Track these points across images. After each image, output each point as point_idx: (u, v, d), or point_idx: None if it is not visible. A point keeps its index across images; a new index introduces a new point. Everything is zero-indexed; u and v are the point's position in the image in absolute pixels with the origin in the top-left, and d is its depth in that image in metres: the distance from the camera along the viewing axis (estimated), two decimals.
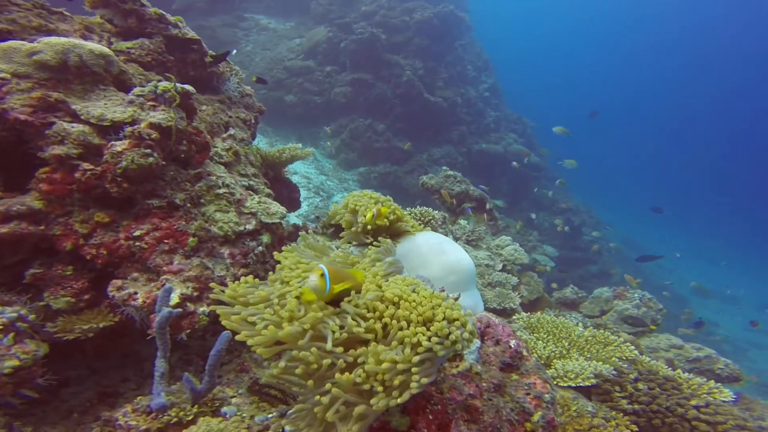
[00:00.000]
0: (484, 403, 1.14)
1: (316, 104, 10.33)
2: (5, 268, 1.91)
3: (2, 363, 1.55)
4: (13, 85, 1.96)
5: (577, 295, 5.27)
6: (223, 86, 3.42)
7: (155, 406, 1.68)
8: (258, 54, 11.36)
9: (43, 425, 1.90)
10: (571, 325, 3.01)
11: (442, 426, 1.07)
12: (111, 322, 1.92)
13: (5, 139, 1.98)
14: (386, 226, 1.65)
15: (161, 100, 2.26)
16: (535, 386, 1.27)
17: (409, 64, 11.37)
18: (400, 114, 10.92)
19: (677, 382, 2.53)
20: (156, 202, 2.07)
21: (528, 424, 1.20)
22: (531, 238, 10.08)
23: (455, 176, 5.39)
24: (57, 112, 2.02)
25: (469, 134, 12.98)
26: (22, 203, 1.87)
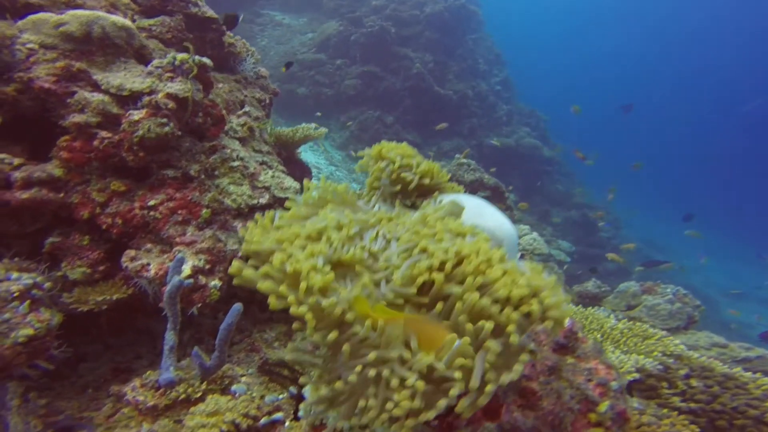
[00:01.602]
0: (541, 387, 1.00)
1: (327, 96, 10.31)
2: (26, 236, 1.91)
3: (17, 331, 1.52)
4: (39, 56, 1.97)
5: (600, 289, 5.07)
6: (239, 66, 3.42)
7: (163, 382, 1.64)
8: (272, 48, 11.39)
9: (60, 399, 1.90)
10: (601, 316, 2.84)
11: (490, 411, 0.94)
12: (124, 295, 1.90)
13: (30, 109, 1.99)
14: (425, 185, 1.50)
15: (179, 71, 2.25)
16: (597, 372, 1.09)
17: (418, 57, 11.28)
18: (409, 106, 10.85)
19: (740, 381, 2.24)
20: (171, 173, 2.06)
21: (592, 414, 1.03)
22: (545, 232, 9.93)
23: (468, 164, 5.32)
24: (79, 81, 2.02)
25: (480, 127, 12.84)
26: (43, 170, 1.88)
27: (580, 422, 1.02)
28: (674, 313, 4.29)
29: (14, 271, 1.61)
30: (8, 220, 1.82)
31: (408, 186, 1.46)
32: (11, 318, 1.51)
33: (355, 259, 1.02)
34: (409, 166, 1.51)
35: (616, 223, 15.12)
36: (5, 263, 1.66)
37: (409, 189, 1.45)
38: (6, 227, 1.83)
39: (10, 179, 1.79)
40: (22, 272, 1.61)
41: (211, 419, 1.39)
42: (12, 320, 1.51)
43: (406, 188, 1.48)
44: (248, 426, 1.42)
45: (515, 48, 28.49)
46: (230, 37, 3.34)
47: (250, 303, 2.59)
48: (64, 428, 1.73)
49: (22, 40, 1.98)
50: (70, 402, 1.90)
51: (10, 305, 1.52)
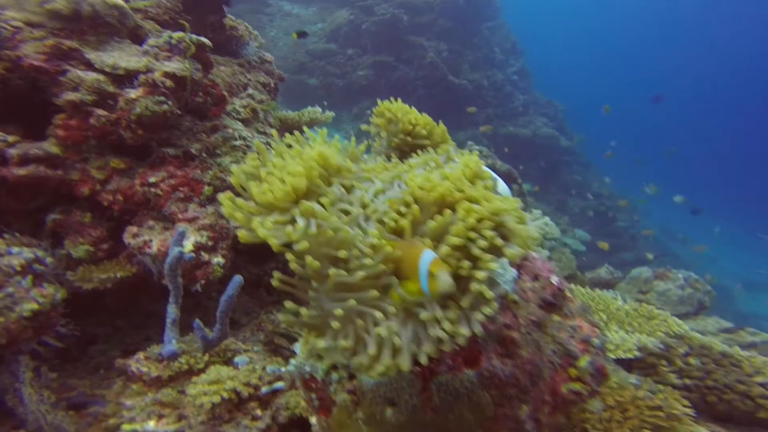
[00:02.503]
0: (522, 337, 0.98)
1: (338, 87, 10.24)
2: (27, 213, 1.91)
3: (21, 305, 1.52)
4: (26, 34, 1.95)
5: (612, 275, 4.99)
6: (242, 50, 3.37)
7: (166, 354, 1.64)
8: (281, 39, 11.38)
9: (72, 378, 1.92)
10: (609, 297, 2.82)
11: (470, 358, 0.93)
12: (128, 273, 1.89)
13: (20, 87, 1.97)
14: (407, 142, 1.47)
15: (176, 50, 2.22)
16: (581, 329, 1.10)
17: (432, 46, 11.10)
18: (422, 96, 10.69)
19: (736, 359, 2.30)
20: (171, 151, 2.04)
21: (573, 369, 1.04)
22: (561, 221, 9.71)
23: (481, 151, 5.20)
24: (71, 60, 1.99)
25: (496, 117, 12.61)
26: (40, 147, 1.87)
27: (561, 375, 0.99)
28: (685, 299, 4.17)
29: (15, 245, 1.60)
30: (7, 197, 1.82)
31: (408, 137, 1.43)
32: (15, 292, 1.50)
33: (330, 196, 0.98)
34: (410, 122, 1.51)
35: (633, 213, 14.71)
36: (6, 238, 1.66)
37: (408, 140, 1.41)
38: (5, 204, 1.83)
39: (6, 156, 1.78)
40: (23, 247, 1.60)
41: (213, 387, 1.38)
42: (16, 294, 1.50)
43: (405, 140, 1.45)
44: (249, 394, 1.41)
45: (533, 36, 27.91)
46: (232, 20, 3.30)
47: (257, 286, 2.57)
48: (78, 404, 1.74)
49: (4, 17, 1.94)
50: (82, 381, 1.92)
51: (13, 279, 1.51)
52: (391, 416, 0.88)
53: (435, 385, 0.90)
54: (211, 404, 1.36)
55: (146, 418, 1.48)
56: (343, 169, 1.10)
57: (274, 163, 1.04)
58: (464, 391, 0.90)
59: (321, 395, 0.98)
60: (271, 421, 1.35)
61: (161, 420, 1.46)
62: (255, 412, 1.40)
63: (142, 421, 1.46)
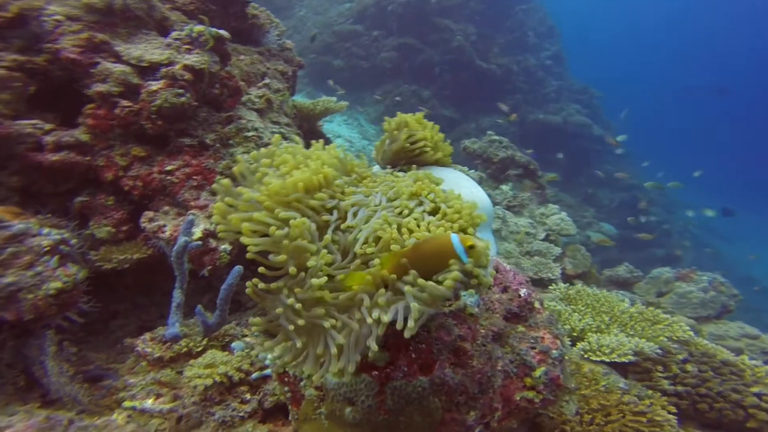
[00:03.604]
0: (476, 348, 1.06)
1: (363, 69, 10.22)
2: (59, 195, 2.11)
3: (47, 284, 1.67)
4: (65, 27, 2.10)
5: (632, 274, 4.90)
6: (263, 38, 3.46)
7: (169, 336, 1.78)
8: (310, 18, 11.39)
9: (93, 351, 2.12)
10: (615, 299, 2.82)
11: (424, 366, 1.01)
12: (144, 255, 2.06)
13: (59, 78, 2.14)
14: (411, 153, 1.54)
15: (197, 43, 2.33)
16: (543, 340, 1.16)
17: (460, 29, 10.83)
18: (447, 81, 10.52)
19: (738, 368, 2.29)
20: (188, 141, 2.17)
21: (528, 378, 1.11)
22: (587, 214, 9.48)
23: (500, 141, 5.14)
24: (102, 52, 2.14)
25: (525, 103, 12.28)
26: (71, 135, 2.04)
27: (516, 384, 1.05)
28: (707, 302, 4.06)
29: (46, 226, 1.79)
30: (42, 180, 2.02)
31: (405, 151, 1.50)
32: (43, 271, 1.68)
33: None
34: (414, 136, 1.56)
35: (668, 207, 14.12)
36: (39, 219, 1.85)
37: (403, 150, 1.48)
38: (40, 186, 2.03)
39: (42, 143, 1.97)
40: (52, 228, 1.79)
41: (207, 370, 1.51)
42: (44, 273, 1.68)
43: (401, 154, 1.52)
44: (240, 379, 1.53)
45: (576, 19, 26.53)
46: (254, 9, 3.38)
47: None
48: (94, 377, 1.95)
49: (48, 11, 2.10)
50: (100, 354, 2.13)
51: (42, 259, 1.70)
52: (349, 414, 0.99)
53: (390, 389, 0.99)
54: (204, 386, 1.48)
55: (145, 396, 1.65)
56: (333, 184, 1.17)
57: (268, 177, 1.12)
58: (416, 396, 0.98)
59: (293, 389, 1.10)
60: (258, 405, 1.49)
61: (158, 399, 1.63)
62: (244, 396, 1.52)
63: (142, 399, 1.63)
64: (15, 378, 1.67)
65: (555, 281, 3.19)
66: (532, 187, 4.98)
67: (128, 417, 1.52)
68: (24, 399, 1.69)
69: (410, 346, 0.99)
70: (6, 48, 2.05)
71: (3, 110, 1.96)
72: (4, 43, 2.06)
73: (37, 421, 1.21)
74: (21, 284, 1.59)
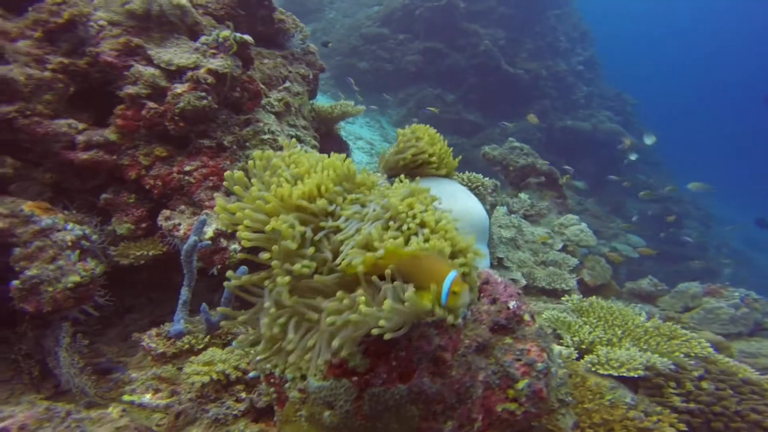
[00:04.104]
0: (456, 359, 1.07)
1: (387, 72, 10.29)
2: (87, 191, 2.25)
3: (67, 277, 1.78)
4: (107, 32, 2.24)
5: (656, 288, 4.73)
6: (287, 43, 3.56)
7: (173, 332, 1.85)
8: (339, 21, 11.58)
9: (106, 344, 2.21)
10: (630, 312, 2.74)
11: (404, 374, 1.04)
12: (160, 252, 2.16)
13: (97, 80, 2.28)
14: (414, 164, 1.57)
15: (222, 48, 2.43)
16: (529, 353, 1.15)
17: (489, 33, 10.75)
18: (473, 85, 10.46)
19: (761, 387, 2.18)
20: (207, 142, 2.27)
21: (511, 390, 1.11)
22: (613, 225, 9.19)
23: (521, 148, 5.07)
24: (136, 56, 2.27)
25: (553, 109, 12.05)
26: (101, 135, 2.18)
27: (498, 396, 1.06)
28: (737, 319, 3.88)
29: (71, 222, 1.92)
30: (73, 177, 2.16)
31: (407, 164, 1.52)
32: (64, 265, 1.80)
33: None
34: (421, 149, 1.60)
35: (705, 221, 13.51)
36: (66, 214, 1.98)
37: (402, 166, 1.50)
38: (71, 183, 2.17)
39: (75, 141, 2.10)
40: (76, 224, 1.91)
41: (205, 368, 1.56)
42: (65, 267, 1.79)
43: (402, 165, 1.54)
44: (237, 377, 1.58)
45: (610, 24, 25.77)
46: (281, 14, 3.48)
47: None
48: (104, 369, 2.05)
49: (95, 17, 2.25)
50: (112, 347, 2.23)
51: (64, 253, 1.82)
52: (327, 418, 1.02)
53: (368, 395, 1.02)
54: (201, 383, 1.53)
55: (144, 391, 1.72)
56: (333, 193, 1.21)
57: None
58: (393, 403, 1.01)
59: (278, 390, 1.15)
60: (250, 404, 1.53)
61: (156, 394, 1.70)
62: (240, 394, 1.56)
63: (141, 393, 1.70)
64: (30, 368, 1.78)
65: (569, 292, 3.13)
66: (553, 196, 4.89)
67: (123, 411, 1.58)
68: (38, 388, 1.80)
69: (391, 353, 1.02)
70: (55, 51, 2.21)
71: (44, 110, 2.11)
72: (54, 46, 2.22)
73: (37, 412, 1.30)
74: (43, 277, 1.71)
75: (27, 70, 2.08)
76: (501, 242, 3.43)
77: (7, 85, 2.00)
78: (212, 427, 1.46)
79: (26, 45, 2.15)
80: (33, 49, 2.16)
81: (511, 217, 3.73)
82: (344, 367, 1.03)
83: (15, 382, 1.86)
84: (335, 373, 1.04)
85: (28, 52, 2.14)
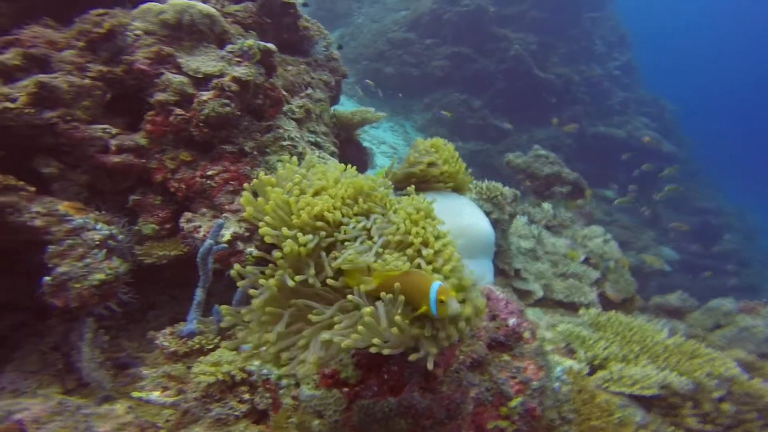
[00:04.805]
0: (448, 374, 1.09)
1: (413, 77, 10.34)
2: (118, 193, 2.40)
3: (93, 275, 1.89)
4: (142, 41, 2.38)
5: (684, 303, 4.55)
6: (311, 49, 3.67)
7: (185, 332, 1.93)
8: (366, 26, 11.74)
9: (127, 340, 2.32)
10: (650, 328, 2.67)
11: (394, 388, 1.06)
12: (181, 252, 2.27)
13: (132, 87, 2.44)
14: (422, 178, 1.60)
15: (246, 56, 2.54)
16: (526, 371, 1.16)
17: (519, 38, 10.63)
18: (501, 90, 10.35)
19: None
20: (229, 148, 2.38)
21: (504, 408, 1.12)
22: (644, 237, 8.86)
23: (547, 156, 5.00)
24: (167, 64, 2.40)
25: (586, 116, 11.77)
26: (132, 139, 2.32)
27: (490, 412, 1.07)
28: None
29: (101, 222, 2.06)
30: (106, 179, 2.31)
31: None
32: (91, 263, 1.92)
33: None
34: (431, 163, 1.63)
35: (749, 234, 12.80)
36: (96, 215, 2.12)
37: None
38: (104, 185, 2.32)
39: (108, 145, 2.26)
40: (105, 224, 2.05)
41: (212, 368, 1.63)
42: (92, 265, 1.92)
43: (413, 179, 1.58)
44: (242, 379, 1.61)
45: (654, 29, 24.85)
46: (306, 21, 3.60)
47: None
48: (123, 364, 2.16)
49: (132, 27, 2.39)
50: (133, 343, 2.33)
51: (92, 251, 1.95)
52: (316, 427, 1.06)
53: (357, 407, 1.05)
54: (207, 383, 1.58)
55: (153, 388, 1.80)
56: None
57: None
58: (382, 416, 1.03)
59: (273, 395, 1.20)
60: (252, 406, 1.55)
61: (164, 391, 1.77)
62: (244, 395, 1.59)
63: (150, 390, 1.78)
64: (55, 360, 1.92)
65: (587, 306, 3.07)
66: (579, 206, 4.78)
67: (129, 407, 1.67)
68: (63, 381, 1.93)
69: (383, 367, 1.05)
70: (95, 60, 2.38)
71: (82, 116, 2.27)
72: (95, 55, 2.40)
73: (49, 406, 1.39)
74: (71, 274, 1.84)
75: (69, 78, 2.24)
76: (519, 253, 3.40)
77: (51, 92, 2.17)
78: (214, 427, 1.52)
79: (71, 54, 2.32)
80: (76, 58, 2.33)
81: (531, 228, 3.69)
82: (336, 378, 1.07)
83: (43, 374, 2.01)
84: (326, 383, 1.08)
85: (72, 61, 2.31)
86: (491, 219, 3.00)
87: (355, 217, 1.22)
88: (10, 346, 2.11)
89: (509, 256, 3.14)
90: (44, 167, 2.19)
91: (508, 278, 3.11)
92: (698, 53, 42.98)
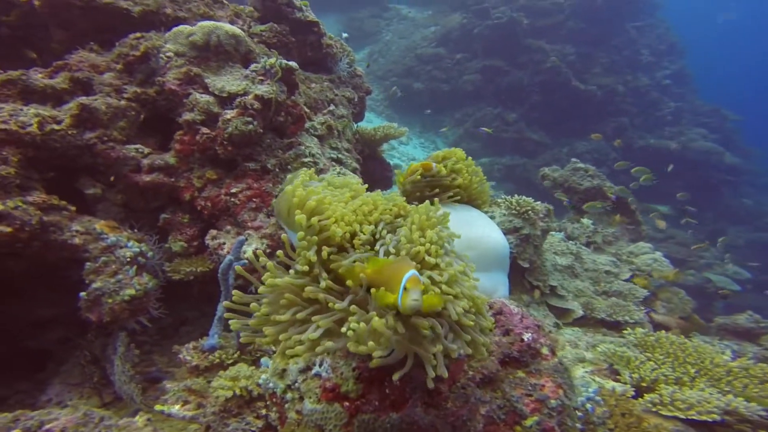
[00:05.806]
0: (454, 390, 1.08)
1: (443, 92, 10.50)
2: (150, 211, 2.60)
3: (124, 290, 2.05)
4: (173, 62, 2.61)
5: (757, 324, 4.21)
6: (335, 67, 3.85)
7: (207, 346, 2.03)
8: (395, 43, 12.13)
9: (158, 355, 2.45)
10: (710, 350, 2.50)
11: (396, 403, 1.06)
12: (207, 269, 2.40)
13: (163, 107, 2.66)
14: (428, 190, 1.64)
15: (269, 75, 2.72)
16: (543, 388, 1.12)
17: (556, 49, 10.61)
18: (537, 103, 10.28)
19: None
20: (252, 165, 2.53)
21: (518, 427, 1.08)
22: (707, 254, 8.33)
23: (586, 169, 4.89)
24: (195, 84, 2.60)
25: (633, 127, 11.43)
26: (162, 159, 2.52)
27: (502, 431, 1.04)
28: None
29: (133, 239, 2.23)
30: (138, 198, 2.51)
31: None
32: (122, 279, 2.08)
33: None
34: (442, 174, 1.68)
35: None
36: (129, 233, 2.31)
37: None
38: (137, 203, 2.52)
39: (140, 165, 2.46)
40: (136, 241, 2.22)
41: (229, 383, 1.70)
42: (123, 281, 2.08)
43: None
44: (258, 393, 1.69)
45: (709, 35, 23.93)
46: (330, 39, 3.80)
47: None
48: (153, 378, 2.27)
49: (164, 49, 2.63)
50: (164, 357, 2.46)
51: (124, 268, 2.12)
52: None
53: (358, 421, 1.07)
54: (225, 398, 1.66)
55: (175, 402, 1.89)
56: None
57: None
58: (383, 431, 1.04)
59: (280, 409, 1.24)
60: (266, 422, 1.62)
61: (185, 405, 1.86)
62: (260, 411, 1.66)
63: (171, 404, 1.87)
64: (92, 373, 2.06)
65: (633, 326, 2.92)
66: (623, 222, 4.61)
67: (147, 420, 1.75)
68: (101, 394, 2.06)
69: (385, 381, 1.07)
70: (131, 81, 2.63)
71: (118, 136, 2.50)
72: (131, 77, 2.65)
73: (76, 417, 1.51)
74: (104, 289, 2.00)
75: (108, 99, 2.48)
76: (555, 269, 3.31)
77: (91, 113, 2.41)
78: None
79: (110, 77, 2.58)
80: (114, 80, 2.58)
81: (568, 244, 3.60)
82: (337, 392, 1.09)
83: (85, 386, 2.16)
84: (327, 397, 1.11)
85: (110, 83, 2.56)
86: (522, 234, 2.98)
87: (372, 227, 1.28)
88: (58, 360, 2.29)
89: (543, 272, 3.07)
90: (89, 188, 2.41)
91: (543, 296, 3.03)
92: (761, 59, 40.79)
